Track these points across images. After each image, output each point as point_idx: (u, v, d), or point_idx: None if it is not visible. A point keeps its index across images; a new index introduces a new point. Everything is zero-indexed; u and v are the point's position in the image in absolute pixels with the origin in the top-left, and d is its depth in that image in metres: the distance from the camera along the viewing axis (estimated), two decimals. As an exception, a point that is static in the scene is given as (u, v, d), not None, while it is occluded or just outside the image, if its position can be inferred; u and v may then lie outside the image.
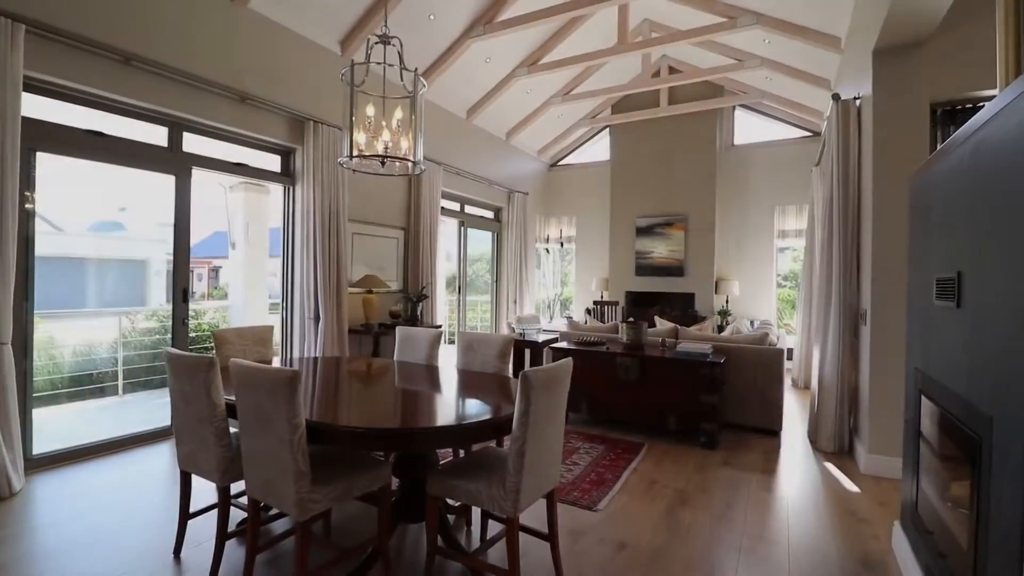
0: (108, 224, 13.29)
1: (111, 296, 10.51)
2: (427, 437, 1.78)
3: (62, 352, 5.81)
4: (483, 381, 2.57)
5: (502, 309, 7.80)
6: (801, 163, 7.01)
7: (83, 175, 11.26)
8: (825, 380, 3.65)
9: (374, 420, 1.97)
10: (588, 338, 4.42)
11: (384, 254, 5.45)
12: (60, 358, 5.70)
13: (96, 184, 11.73)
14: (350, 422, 1.91)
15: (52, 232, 11.94)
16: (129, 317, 6.06)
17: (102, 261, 10.30)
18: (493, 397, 2.31)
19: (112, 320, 5.73)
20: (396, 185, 5.56)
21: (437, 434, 1.79)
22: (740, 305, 7.38)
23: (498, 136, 7.49)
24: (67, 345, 5.79)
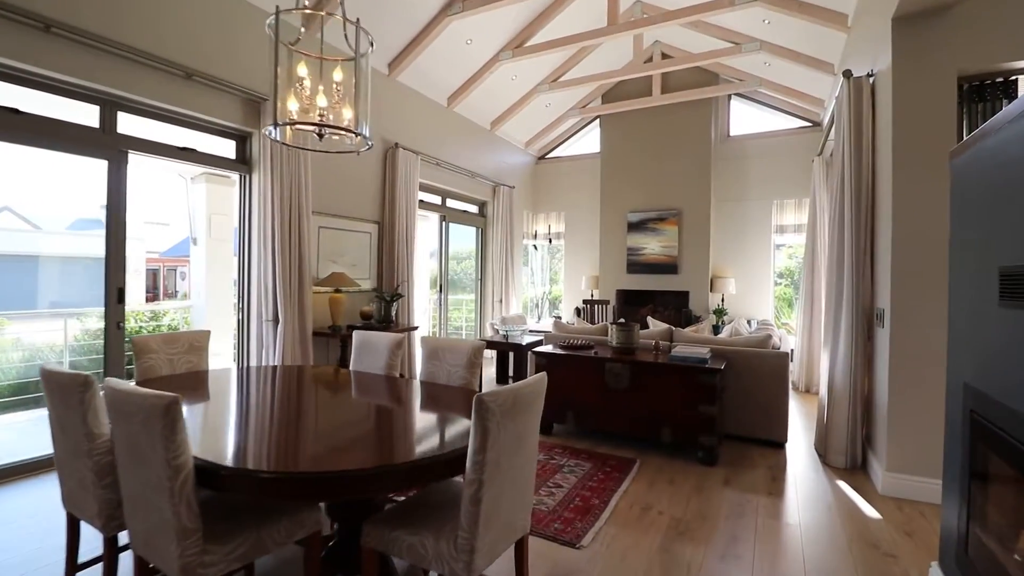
0: (89, 222, 12.79)
1: (80, 296, 10.14)
2: (348, 483, 1.34)
3: (10, 357, 5.36)
4: (446, 397, 2.17)
5: (487, 309, 7.40)
6: (800, 155, 6.67)
7: (64, 171, 10.74)
8: (836, 389, 3.29)
9: (285, 459, 1.50)
10: (575, 341, 4.03)
11: (356, 250, 5.03)
12: (6, 363, 5.25)
13: (78, 180, 11.26)
14: (246, 462, 1.43)
15: (29, 230, 11.39)
16: (79, 319, 5.59)
17: (74, 260, 9.82)
18: (453, 421, 1.92)
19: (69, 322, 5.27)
20: (369, 175, 5.14)
21: (363, 479, 1.34)
22: (736, 304, 7.04)
23: (482, 126, 7.08)
24: (25, 348, 5.36)
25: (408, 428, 1.87)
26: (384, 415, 2.03)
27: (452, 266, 9.26)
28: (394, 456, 1.50)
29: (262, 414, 1.98)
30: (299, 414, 1.95)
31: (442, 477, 1.51)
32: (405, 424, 1.92)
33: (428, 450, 1.50)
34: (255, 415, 1.97)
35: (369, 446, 1.61)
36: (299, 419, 1.88)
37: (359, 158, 5.00)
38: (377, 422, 1.94)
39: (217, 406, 2.02)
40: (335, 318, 4.45)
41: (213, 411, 1.94)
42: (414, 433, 1.81)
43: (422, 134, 5.87)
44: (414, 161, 5.49)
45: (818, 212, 5.34)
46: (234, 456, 1.47)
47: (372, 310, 4.88)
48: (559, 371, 3.72)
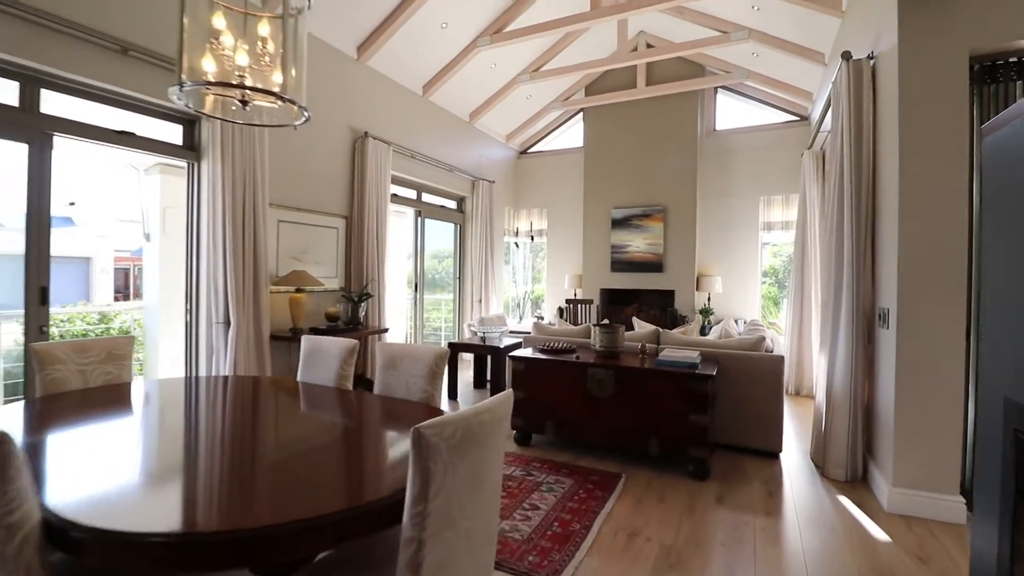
0: (56, 219, 12.18)
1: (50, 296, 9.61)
2: (261, 545, 1.03)
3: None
4: (403, 416, 1.85)
5: (466, 309, 7.08)
6: (787, 150, 6.48)
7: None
8: (835, 396, 3.05)
9: (170, 515, 1.15)
10: (555, 344, 3.74)
11: (321, 246, 4.66)
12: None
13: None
14: (116, 517, 1.08)
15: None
16: (19, 321, 5.12)
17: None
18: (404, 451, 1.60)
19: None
20: (335, 166, 4.77)
21: (271, 539, 1.03)
22: (723, 303, 6.83)
23: (460, 117, 6.76)
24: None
25: (349, 464, 1.55)
26: (322, 445, 1.69)
27: (432, 264, 8.93)
28: (321, 505, 1.18)
29: (165, 446, 1.63)
30: (213, 445, 1.61)
31: (384, 527, 1.19)
32: (345, 457, 1.59)
33: (368, 497, 1.18)
34: (154, 447, 1.62)
35: (292, 492, 1.28)
36: (212, 453, 1.54)
37: (324, 146, 4.65)
38: (308, 456, 1.60)
39: (111, 434, 1.66)
40: (296, 320, 4.10)
41: (103, 441, 1.59)
42: (358, 468, 1.49)
43: (394, 123, 5.53)
44: (385, 152, 5.15)
45: (808, 208, 5.14)
46: (99, 509, 1.12)
47: (338, 311, 4.53)
48: (538, 377, 3.42)
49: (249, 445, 1.61)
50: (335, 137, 4.76)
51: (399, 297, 8.48)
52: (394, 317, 8.15)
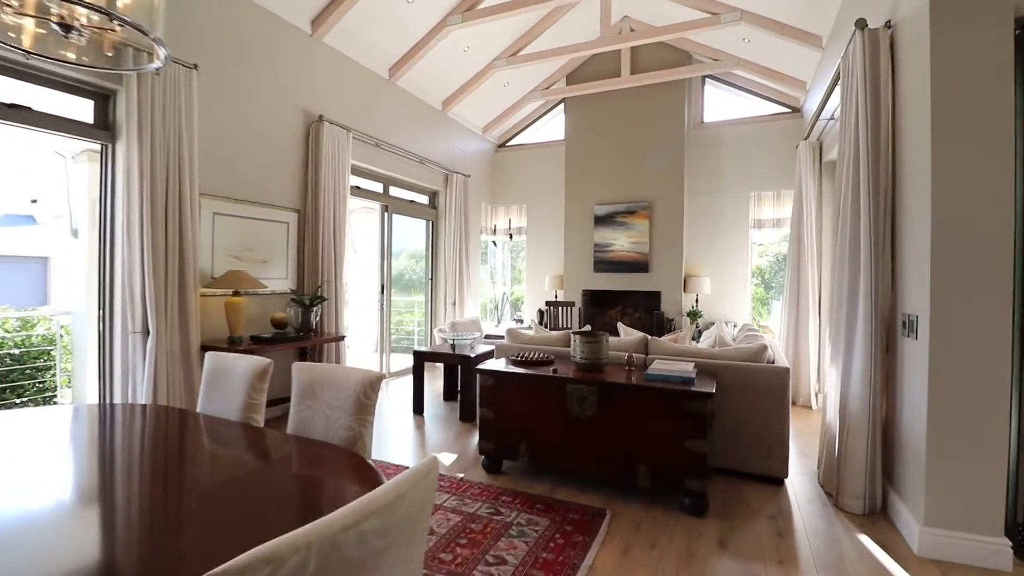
0: (16, 217, 11.40)
1: (5, 296, 9.23)
2: None
3: None
4: (314, 472, 1.37)
5: (439, 312, 6.59)
6: (779, 143, 6.14)
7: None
8: (851, 416, 2.65)
9: None
10: (531, 355, 3.28)
11: (268, 243, 4.13)
12: None
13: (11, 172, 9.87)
14: None
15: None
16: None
17: None
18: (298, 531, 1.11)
19: None
20: (285, 153, 4.24)
21: None
22: (711, 305, 6.46)
23: (432, 105, 6.26)
24: None
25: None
26: (187, 530, 1.20)
27: (409, 264, 8.43)
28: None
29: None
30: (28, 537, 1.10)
31: None
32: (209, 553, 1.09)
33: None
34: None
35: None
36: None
37: (272, 130, 4.11)
38: (155, 554, 1.10)
39: None
40: (234, 327, 3.56)
41: None
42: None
43: (356, 108, 5.01)
44: (344, 139, 4.63)
45: (805, 202, 4.77)
46: None
47: (287, 317, 4.00)
48: (509, 394, 2.95)
49: (77, 531, 1.10)
50: (285, 120, 4.23)
51: (370, 300, 7.95)
52: (364, 322, 7.63)
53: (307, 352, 4.12)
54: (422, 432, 3.86)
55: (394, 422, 4.10)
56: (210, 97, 3.63)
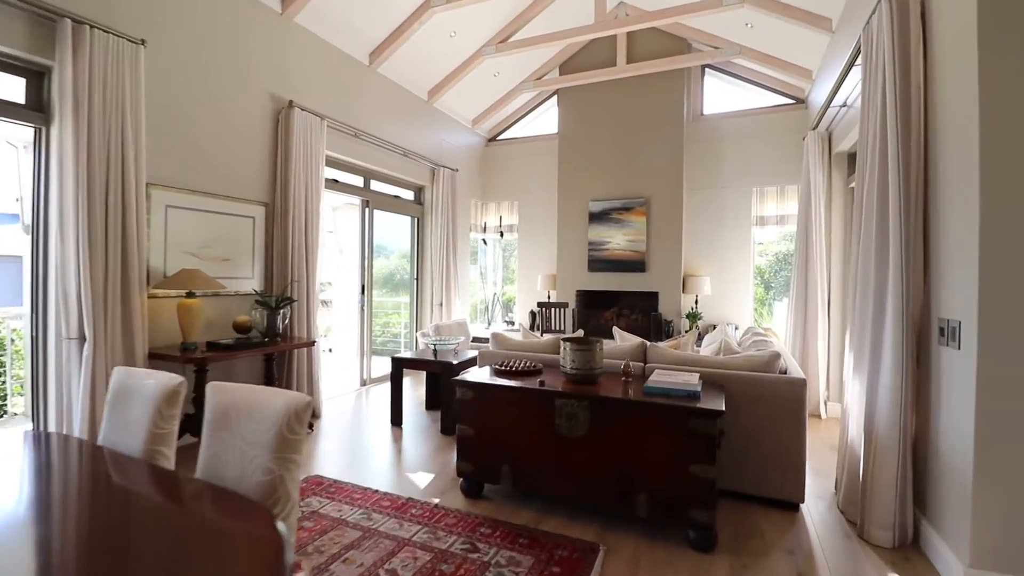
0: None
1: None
2: None
3: None
4: (198, 546, 1.02)
5: (425, 313, 6.24)
6: (783, 136, 5.83)
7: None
8: (878, 435, 2.32)
9: None
10: (516, 363, 2.94)
11: (230, 239, 3.77)
12: None
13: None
14: None
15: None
16: None
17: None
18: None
19: None
20: (251, 141, 3.89)
21: None
22: (712, 307, 6.14)
23: (416, 95, 5.91)
24: None
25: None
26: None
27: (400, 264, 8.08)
28: None
29: None
30: None
31: None
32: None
33: None
34: None
35: None
36: None
37: (235, 115, 3.76)
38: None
39: None
40: (188, 332, 3.20)
41: None
42: None
43: (332, 95, 4.66)
44: (317, 127, 4.27)
45: (813, 197, 4.45)
46: None
47: (250, 320, 3.65)
48: (491, 409, 2.62)
49: None
50: (251, 105, 3.88)
51: (349, 302, 7.59)
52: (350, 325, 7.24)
53: (273, 359, 3.77)
54: (399, 447, 3.51)
55: (369, 435, 3.76)
56: (164, 77, 3.27)
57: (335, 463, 3.20)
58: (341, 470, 3.08)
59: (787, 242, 8.56)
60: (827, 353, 4.46)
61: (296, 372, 4.03)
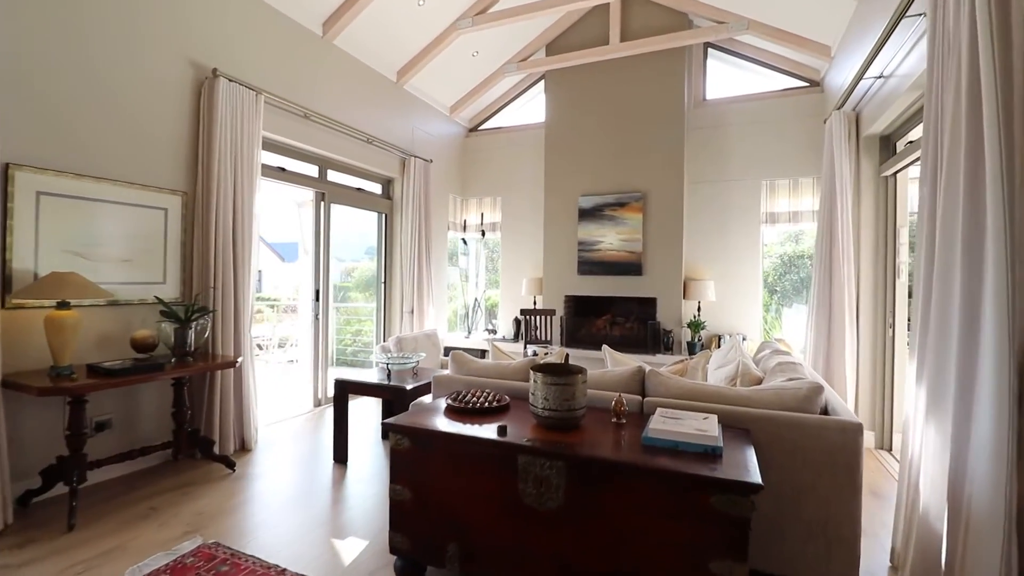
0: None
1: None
2: None
3: None
4: None
5: (394, 321, 5.54)
6: (796, 123, 5.18)
7: None
8: (973, 509, 1.65)
9: None
10: (476, 397, 2.25)
11: (132, 235, 3.07)
12: None
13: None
14: None
15: None
16: None
17: None
18: None
19: None
20: (162, 115, 3.18)
21: None
22: (716, 315, 5.48)
23: (383, 74, 5.22)
24: None
25: None
26: None
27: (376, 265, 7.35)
28: None
29: None
30: None
31: None
32: None
33: None
34: None
35: None
36: None
37: (140, 84, 3.06)
38: None
39: None
40: (59, 354, 2.50)
41: None
42: None
43: (275, 67, 3.96)
44: (251, 102, 3.58)
45: (839, 187, 3.80)
46: None
47: (153, 336, 2.94)
48: (435, 465, 1.93)
49: None
50: (161, 73, 3.18)
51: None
52: (287, 339, 6.49)
53: (184, 384, 3.05)
54: (335, 495, 2.81)
55: (303, 477, 3.06)
56: (33, 31, 2.57)
57: (246, 521, 2.50)
58: (250, 532, 2.38)
59: (792, 243, 7.93)
60: (855, 370, 3.80)
61: (220, 399, 3.32)
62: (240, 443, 3.46)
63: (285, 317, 8.12)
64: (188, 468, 3.11)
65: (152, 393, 3.12)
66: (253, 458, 3.35)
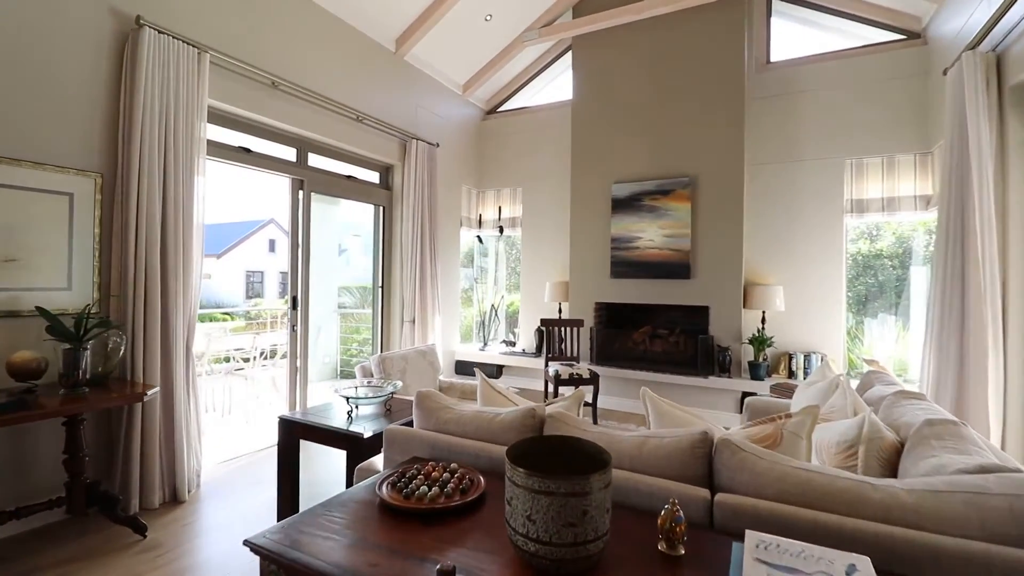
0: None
1: None
2: None
3: None
4: None
5: (393, 333, 4.75)
6: (890, 84, 4.08)
7: None
8: None
9: None
10: (426, 486, 1.38)
11: (20, 227, 2.37)
12: None
13: None
14: None
15: None
16: None
17: None
18: None
19: None
20: (64, 73, 2.47)
21: None
22: (785, 327, 4.42)
23: (377, 41, 4.44)
24: None
25: None
26: None
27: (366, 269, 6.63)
28: None
29: None
30: None
31: None
32: None
33: None
34: None
35: None
36: None
37: (35, 35, 2.36)
38: None
39: None
40: None
41: None
42: None
43: (230, 20, 3.22)
44: (192, 61, 2.84)
45: (973, 159, 2.73)
46: None
47: (40, 359, 2.22)
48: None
49: None
50: (72, 21, 2.48)
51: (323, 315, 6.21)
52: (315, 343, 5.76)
53: (79, 424, 2.31)
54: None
55: (229, 550, 2.26)
56: None
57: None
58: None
59: (865, 240, 6.70)
60: (1001, 408, 2.72)
61: (142, 439, 2.58)
62: (170, 494, 2.71)
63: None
64: (85, 531, 2.37)
65: (47, 431, 2.41)
66: (179, 514, 2.59)
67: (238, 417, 4.50)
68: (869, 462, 1.57)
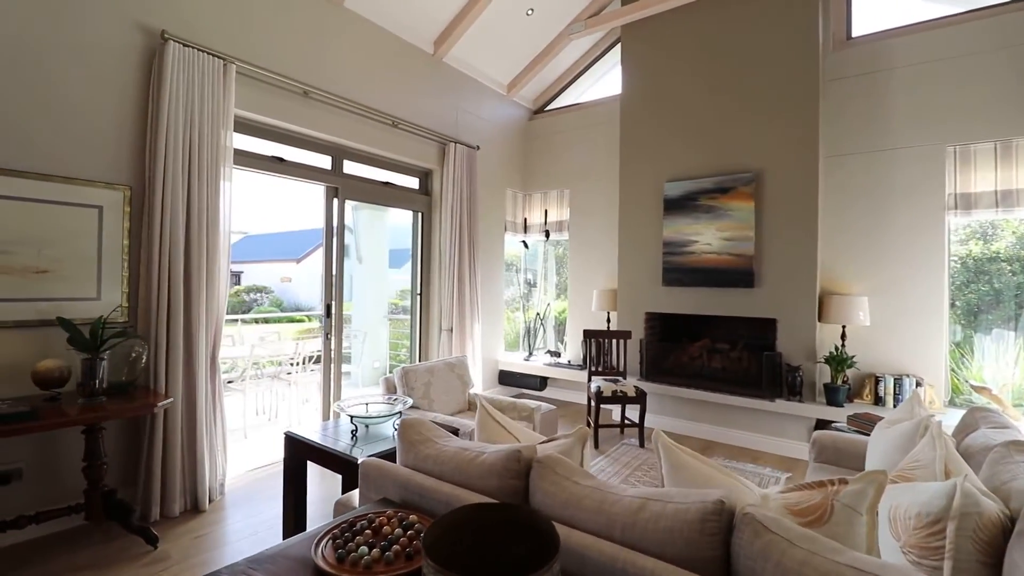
0: None
1: None
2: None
3: None
4: None
5: (431, 342, 4.64)
6: (998, 56, 3.38)
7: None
8: None
9: None
10: (366, 548, 1.17)
11: (54, 240, 2.45)
12: None
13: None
14: None
15: None
16: None
17: None
18: None
19: None
20: (95, 90, 2.55)
21: None
22: (870, 345, 3.79)
23: (414, 44, 4.35)
24: None
25: None
26: None
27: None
28: None
29: None
30: None
31: None
32: None
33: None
34: None
35: None
36: None
37: (64, 54, 2.44)
38: None
39: None
40: (-99, 397, 1.88)
41: None
42: None
43: (257, 31, 3.23)
44: (217, 72, 2.85)
45: None
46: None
47: (63, 368, 2.28)
48: None
49: None
50: (100, 38, 2.55)
51: (372, 321, 6.27)
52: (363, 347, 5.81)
53: (98, 434, 2.34)
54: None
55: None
56: None
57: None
58: None
59: (977, 241, 5.72)
60: None
61: (164, 448, 2.60)
62: (191, 503, 2.72)
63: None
64: (101, 539, 2.41)
65: (70, 439, 2.48)
66: (195, 525, 2.58)
67: (283, 421, 4.58)
68: (962, 544, 1.16)
